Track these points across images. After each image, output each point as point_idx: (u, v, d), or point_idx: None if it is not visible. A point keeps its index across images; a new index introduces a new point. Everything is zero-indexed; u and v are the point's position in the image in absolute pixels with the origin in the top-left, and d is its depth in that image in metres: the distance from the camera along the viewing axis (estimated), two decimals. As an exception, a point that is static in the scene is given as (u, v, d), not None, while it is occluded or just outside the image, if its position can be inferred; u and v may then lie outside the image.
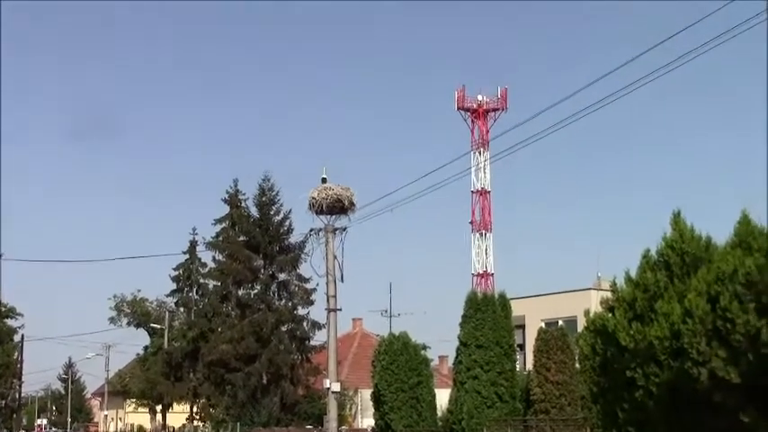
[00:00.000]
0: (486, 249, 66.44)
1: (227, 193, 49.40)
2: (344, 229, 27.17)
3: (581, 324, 17.63)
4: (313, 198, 27.38)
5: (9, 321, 60.19)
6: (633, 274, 10.84)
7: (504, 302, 27.13)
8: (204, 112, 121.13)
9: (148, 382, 58.00)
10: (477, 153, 65.56)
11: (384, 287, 63.23)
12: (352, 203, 27.54)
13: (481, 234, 66.66)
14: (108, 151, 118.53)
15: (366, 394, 39.45)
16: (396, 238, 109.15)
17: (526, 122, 20.56)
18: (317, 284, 43.44)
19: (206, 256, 53.08)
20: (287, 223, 45.29)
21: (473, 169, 63.02)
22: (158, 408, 60.92)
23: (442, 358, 60.26)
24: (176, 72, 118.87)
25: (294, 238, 43.41)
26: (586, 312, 11.95)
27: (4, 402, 56.87)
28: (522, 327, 40.45)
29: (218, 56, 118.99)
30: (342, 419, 37.54)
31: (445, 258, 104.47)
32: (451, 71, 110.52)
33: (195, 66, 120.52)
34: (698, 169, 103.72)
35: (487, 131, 67.38)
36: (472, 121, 68.45)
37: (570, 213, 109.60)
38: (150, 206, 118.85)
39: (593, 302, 14.34)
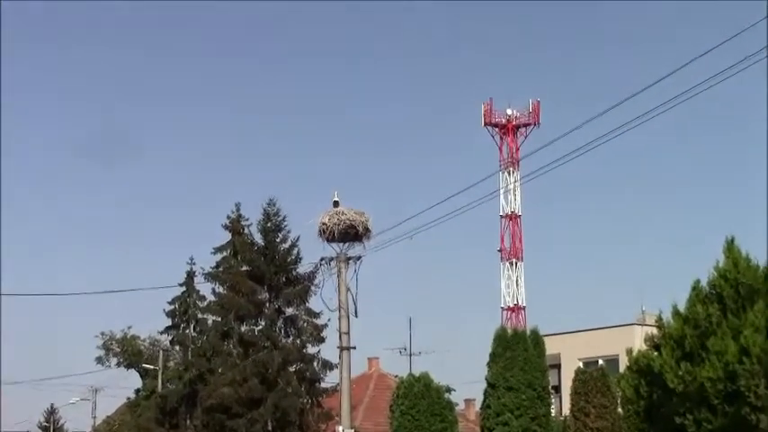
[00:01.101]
0: (517, 280, 66.30)
1: (228, 218, 49.50)
2: (359, 259, 27.18)
3: (623, 364, 17.56)
4: (323, 224, 27.42)
5: (-15, 362, 60.36)
6: (682, 307, 10.79)
7: (536, 339, 27.01)
8: (203, 129, 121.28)
9: (140, 430, 57.90)
10: (506, 173, 65.58)
11: (403, 322, 63.14)
12: (367, 229, 27.55)
13: (511, 263, 66.54)
14: (94, 171, 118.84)
15: (383, 443, 39.22)
16: (416, 267, 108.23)
17: (560, 139, 20.52)
18: (329, 320, 43.18)
19: (205, 289, 53.03)
20: (295, 252, 45.26)
21: (502, 191, 63.10)
22: (152, 458, 60.82)
23: (468, 402, 59.93)
24: (172, 80, 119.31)
25: (303, 269, 43.31)
26: (629, 351, 11.93)
27: (-21, 453, 56.94)
28: (558, 366, 40.29)
29: (216, 60, 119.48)
30: (356, 471, 37.34)
31: (471, 290, 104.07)
32: (477, 82, 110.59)
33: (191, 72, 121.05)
34: (753, 190, 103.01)
35: (517, 149, 67.59)
36: (500, 137, 68.64)
37: (611, 239, 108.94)
38: (142, 233, 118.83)
39: (637, 339, 14.31)
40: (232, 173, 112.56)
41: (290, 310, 45.03)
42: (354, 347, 27.55)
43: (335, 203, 28.00)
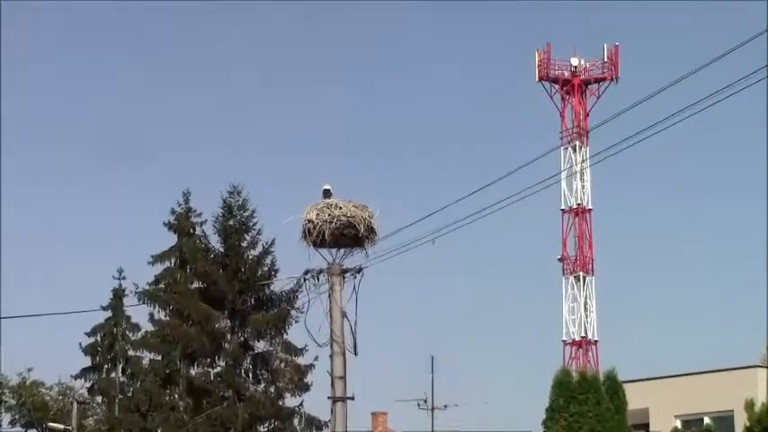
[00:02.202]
0: (586, 302, 66.16)
1: (173, 212, 49.52)
2: (359, 271, 27.02)
3: (740, 423, 17.51)
4: (310, 221, 27.33)
5: None
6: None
7: (614, 388, 27.08)
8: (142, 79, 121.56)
9: None
10: (570, 149, 65.46)
11: (422, 363, 62.52)
12: (371, 230, 27.45)
13: (577, 278, 66.43)
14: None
15: None
16: (440, 285, 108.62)
17: (649, 99, 20.40)
18: (316, 359, 43.37)
19: (138, 314, 53.13)
20: (268, 261, 45.36)
21: (564, 175, 62.99)
22: None
23: (515, 476, 60.07)
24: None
25: (279, 285, 43.43)
26: (749, 404, 11.91)
27: None
28: (645, 426, 40.23)
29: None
30: None
31: (520, 316, 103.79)
32: (531, 22, 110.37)
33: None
34: None
35: (586, 115, 67.46)
36: (563, 98, 68.48)
37: (721, 244, 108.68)
38: (50, 234, 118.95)
39: (761, 388, 14.29)
40: (184, 144, 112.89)
41: (261, 345, 45.07)
42: (353, 398, 27.48)
43: (326, 193, 27.93)
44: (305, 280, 27.62)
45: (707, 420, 37.80)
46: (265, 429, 44.66)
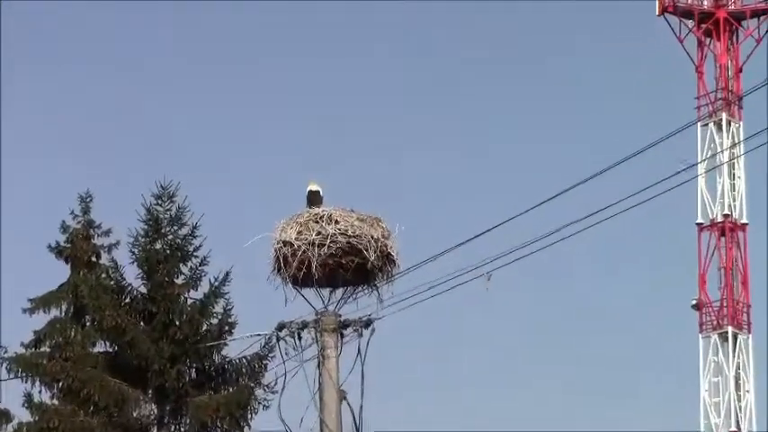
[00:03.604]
0: (739, 376, 66.33)
1: (65, 229, 49.85)
2: (368, 325, 27.39)
3: None
4: (287, 244, 27.69)
5: None
6: None
7: None
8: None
9: None
10: (712, 125, 65.59)
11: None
12: (387, 258, 27.79)
13: (724, 338, 66.58)
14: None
15: None
16: (498, 344, 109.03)
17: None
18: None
19: (8, 395, 53.48)
20: (218, 309, 45.48)
21: (702, 166, 63.04)
22: None
23: None
24: None
25: (237, 349, 43.63)
26: None
27: None
28: None
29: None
30: None
31: (630, 396, 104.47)
32: None
33: None
34: None
35: (739, 70, 67.46)
36: (700, 42, 68.68)
37: None
38: None
39: None
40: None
41: (206, 445, 45.31)
42: None
43: (313, 197, 28.19)
44: (279, 339, 28.01)
45: None
46: None
